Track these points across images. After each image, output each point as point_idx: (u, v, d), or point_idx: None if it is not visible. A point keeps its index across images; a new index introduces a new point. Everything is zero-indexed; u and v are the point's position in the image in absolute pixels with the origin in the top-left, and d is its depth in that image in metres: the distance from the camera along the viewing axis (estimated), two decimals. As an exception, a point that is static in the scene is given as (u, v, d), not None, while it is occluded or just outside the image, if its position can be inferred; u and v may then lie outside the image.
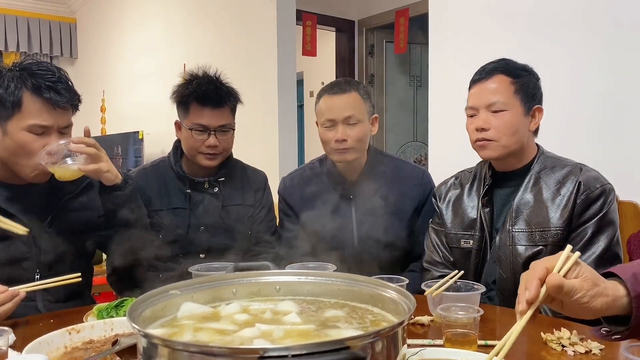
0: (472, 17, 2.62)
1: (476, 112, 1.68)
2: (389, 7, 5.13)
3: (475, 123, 1.67)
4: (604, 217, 1.57)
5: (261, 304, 1.03)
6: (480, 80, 1.68)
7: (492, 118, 1.64)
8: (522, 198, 1.65)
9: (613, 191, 1.61)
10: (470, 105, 1.70)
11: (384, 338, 0.74)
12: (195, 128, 1.95)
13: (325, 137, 1.95)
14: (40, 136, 1.53)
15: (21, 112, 1.51)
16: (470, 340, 1.17)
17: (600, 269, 1.50)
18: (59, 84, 1.55)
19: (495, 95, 1.64)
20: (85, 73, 6.79)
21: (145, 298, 0.91)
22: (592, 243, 1.56)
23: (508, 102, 1.63)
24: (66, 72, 1.62)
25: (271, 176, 2.26)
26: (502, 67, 1.67)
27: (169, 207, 2.02)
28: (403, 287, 0.97)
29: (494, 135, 1.63)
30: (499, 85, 1.65)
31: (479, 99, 1.67)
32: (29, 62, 1.57)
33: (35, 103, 1.52)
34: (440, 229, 1.82)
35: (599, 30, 2.18)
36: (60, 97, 1.53)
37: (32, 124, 1.51)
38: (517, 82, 1.65)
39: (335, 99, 1.92)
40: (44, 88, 1.52)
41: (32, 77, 1.52)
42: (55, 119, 1.54)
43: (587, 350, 1.16)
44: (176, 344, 0.72)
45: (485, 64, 1.72)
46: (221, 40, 4.35)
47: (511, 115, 1.63)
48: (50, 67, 1.58)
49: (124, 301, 1.44)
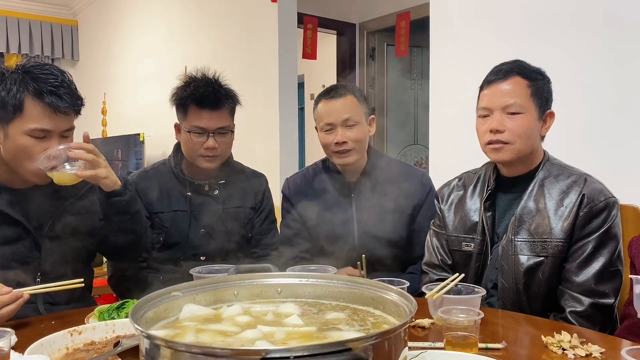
0: (473, 21, 2.63)
1: (490, 112, 1.63)
2: (390, 10, 5.13)
3: (489, 124, 1.62)
4: (607, 231, 1.55)
5: (263, 306, 1.03)
6: (497, 81, 1.63)
7: (507, 120, 1.60)
8: (526, 206, 1.62)
9: (617, 204, 1.59)
10: (484, 105, 1.65)
11: (385, 340, 0.75)
12: (193, 130, 1.95)
13: (325, 141, 1.99)
14: (41, 140, 1.52)
15: (22, 116, 1.51)
16: (471, 343, 1.17)
17: (600, 285, 1.53)
18: (62, 88, 1.53)
19: (512, 97, 1.60)
20: (87, 75, 6.80)
21: (147, 300, 0.91)
22: (593, 258, 1.54)
23: (524, 105, 1.60)
24: (70, 75, 1.62)
25: (272, 179, 2.26)
26: (518, 69, 1.63)
27: (169, 209, 2.03)
28: (404, 290, 0.97)
29: (509, 137, 1.59)
30: (516, 87, 1.61)
31: (495, 99, 1.62)
32: (32, 65, 1.57)
33: (36, 107, 1.51)
34: (442, 232, 1.82)
35: (600, 32, 2.18)
36: (61, 102, 1.52)
37: (33, 128, 1.51)
38: (533, 85, 1.61)
39: (332, 103, 1.97)
40: (46, 92, 1.51)
41: (35, 81, 1.51)
42: (57, 123, 1.54)
43: (587, 353, 1.16)
44: (179, 345, 0.73)
45: (500, 64, 1.68)
46: (222, 42, 4.36)
47: (527, 118, 1.60)
48: (54, 71, 1.57)
49: (125, 303, 1.44)
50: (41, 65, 1.58)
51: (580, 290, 1.54)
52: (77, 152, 1.54)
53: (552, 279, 1.59)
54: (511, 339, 1.30)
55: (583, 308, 1.52)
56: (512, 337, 1.34)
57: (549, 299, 1.61)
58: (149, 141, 4.90)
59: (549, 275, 1.58)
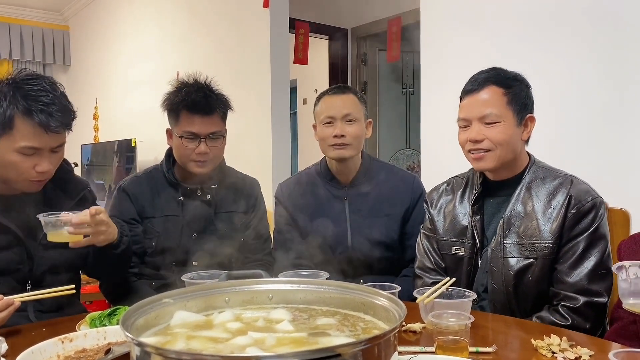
0: (463, 26, 2.65)
1: (469, 123, 1.66)
2: (382, 15, 5.16)
3: (469, 135, 1.65)
4: (595, 231, 1.57)
5: (254, 312, 1.03)
6: (473, 91, 1.66)
7: (485, 130, 1.63)
8: (513, 209, 1.65)
9: (604, 204, 1.61)
10: (462, 116, 1.69)
11: (374, 345, 0.75)
12: (185, 136, 1.96)
13: (323, 134, 2.04)
14: (30, 156, 1.50)
15: (12, 133, 1.48)
16: (462, 347, 1.18)
17: (593, 284, 1.54)
18: (53, 105, 1.49)
19: (488, 107, 1.62)
20: (79, 80, 6.78)
21: (138, 306, 0.91)
22: (584, 258, 1.56)
23: (501, 114, 1.62)
24: (63, 88, 1.58)
25: (265, 183, 2.27)
26: (493, 78, 1.66)
27: (161, 214, 2.02)
28: (395, 295, 0.98)
29: (489, 145, 1.63)
30: (492, 96, 1.63)
31: (472, 110, 1.65)
32: (22, 78, 1.52)
33: (26, 125, 1.47)
34: (432, 235, 1.83)
35: (590, 40, 2.21)
36: (52, 121, 1.48)
37: (22, 145, 1.48)
38: (509, 93, 1.64)
39: (334, 98, 2.05)
40: (36, 112, 1.47)
41: (25, 99, 1.47)
42: (47, 141, 1.51)
43: (576, 356, 1.17)
44: (169, 352, 0.73)
45: (476, 73, 1.71)
46: (215, 48, 4.36)
47: (504, 126, 1.62)
48: (46, 87, 1.52)
49: (116, 310, 1.44)
50: (33, 78, 1.53)
51: (573, 290, 1.55)
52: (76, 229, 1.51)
53: (542, 280, 1.60)
54: (501, 342, 1.31)
55: (577, 305, 1.54)
56: (503, 340, 1.35)
57: (539, 300, 1.62)
58: (141, 146, 4.89)
59: (538, 277, 1.60)
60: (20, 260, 1.59)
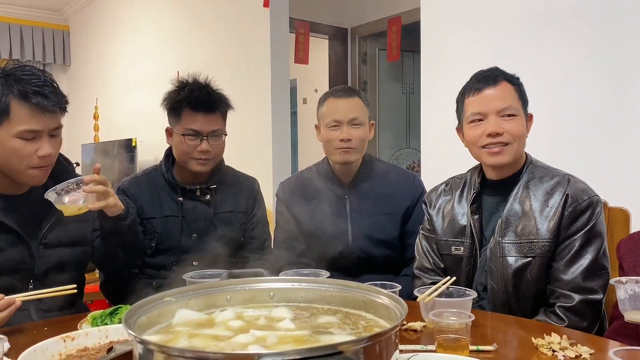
0: (463, 25, 2.65)
1: (484, 117, 1.65)
2: (382, 15, 5.16)
3: (487, 128, 1.63)
4: (592, 229, 1.58)
5: (255, 311, 1.03)
6: (487, 87, 1.66)
7: (503, 123, 1.63)
8: (511, 209, 1.66)
9: (600, 203, 1.62)
10: (477, 110, 1.66)
11: (376, 343, 0.75)
12: (187, 133, 1.96)
13: (329, 137, 2.03)
14: (31, 141, 1.52)
15: (10, 119, 1.50)
16: (462, 345, 1.18)
17: (588, 281, 1.55)
18: (46, 87, 1.53)
19: (507, 101, 1.64)
20: (79, 80, 6.78)
21: (140, 305, 0.91)
22: (580, 255, 1.57)
23: (517, 108, 1.65)
24: (51, 75, 1.61)
25: (265, 183, 2.27)
26: (503, 75, 1.69)
27: (161, 215, 2.03)
28: (396, 293, 0.98)
29: (508, 138, 1.63)
30: (508, 91, 1.66)
31: (489, 104, 1.65)
32: (12, 67, 1.55)
33: (23, 109, 1.50)
34: (431, 236, 1.84)
35: (590, 40, 2.21)
36: (48, 101, 1.52)
37: (22, 129, 1.50)
38: (518, 90, 1.68)
39: (341, 102, 2.04)
40: (31, 93, 1.50)
41: (18, 82, 1.50)
42: (45, 122, 1.53)
43: (577, 354, 1.18)
44: (172, 350, 0.73)
45: (481, 71, 1.72)
46: (215, 47, 4.36)
47: (521, 120, 1.65)
48: (35, 71, 1.56)
49: (118, 308, 1.44)
50: (21, 66, 1.57)
51: (569, 287, 1.56)
52: (91, 186, 1.55)
53: (541, 279, 1.61)
54: (502, 341, 1.31)
55: (573, 304, 1.54)
56: (503, 339, 1.35)
57: (537, 299, 1.63)
58: (141, 146, 4.89)
59: (537, 276, 1.61)
60: (22, 259, 1.60)
